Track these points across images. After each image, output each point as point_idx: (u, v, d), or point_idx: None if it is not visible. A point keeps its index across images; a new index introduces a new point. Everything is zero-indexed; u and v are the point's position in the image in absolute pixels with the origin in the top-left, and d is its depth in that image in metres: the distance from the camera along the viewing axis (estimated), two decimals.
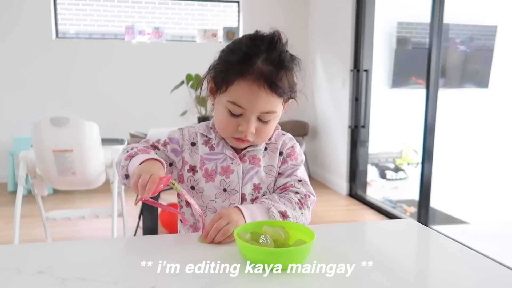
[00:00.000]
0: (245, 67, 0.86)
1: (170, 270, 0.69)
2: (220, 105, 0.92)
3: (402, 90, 4.97)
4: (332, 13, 4.25)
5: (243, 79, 0.86)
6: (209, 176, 0.97)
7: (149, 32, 4.53)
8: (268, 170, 0.98)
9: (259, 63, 0.86)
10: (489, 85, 4.88)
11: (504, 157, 4.40)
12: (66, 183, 2.37)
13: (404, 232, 0.95)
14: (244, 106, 0.88)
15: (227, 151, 0.97)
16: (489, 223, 3.52)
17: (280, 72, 0.87)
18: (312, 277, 0.68)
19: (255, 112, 0.88)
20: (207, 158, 0.98)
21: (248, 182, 0.96)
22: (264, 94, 0.86)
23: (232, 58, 0.89)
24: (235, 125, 0.90)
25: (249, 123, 0.89)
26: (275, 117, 0.93)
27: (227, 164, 0.97)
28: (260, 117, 0.90)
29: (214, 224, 0.83)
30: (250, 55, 0.87)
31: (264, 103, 0.87)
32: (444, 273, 0.71)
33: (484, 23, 4.92)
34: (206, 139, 1.00)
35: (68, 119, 2.19)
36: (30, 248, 0.82)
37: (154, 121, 4.08)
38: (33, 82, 4.33)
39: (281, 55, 0.88)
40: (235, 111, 0.89)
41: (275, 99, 0.88)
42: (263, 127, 0.92)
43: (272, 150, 0.99)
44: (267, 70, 0.86)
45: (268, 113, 0.89)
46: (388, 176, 4.81)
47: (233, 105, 0.88)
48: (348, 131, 3.97)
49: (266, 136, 0.95)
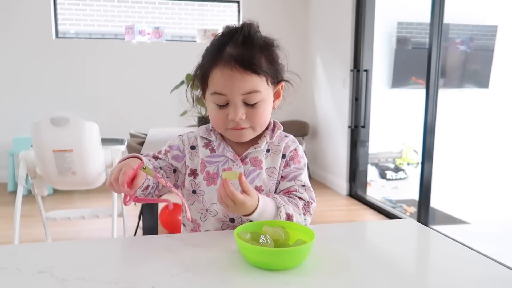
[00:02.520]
0: (216, 57, 0.88)
1: (170, 270, 0.69)
2: (208, 102, 0.94)
3: (402, 90, 4.97)
4: (332, 13, 4.25)
5: (216, 67, 0.88)
6: (211, 179, 0.96)
7: (149, 32, 4.53)
8: (270, 173, 0.97)
9: (228, 49, 0.88)
10: (489, 85, 4.88)
11: (504, 157, 4.40)
12: (66, 183, 2.37)
13: (404, 232, 0.95)
14: (223, 92, 0.88)
15: (228, 153, 0.96)
16: (489, 223, 3.52)
17: (251, 51, 0.88)
18: (312, 277, 0.68)
19: (236, 95, 0.88)
20: (208, 161, 0.97)
21: (249, 184, 0.95)
22: (238, 74, 0.86)
23: (206, 55, 0.93)
24: (224, 116, 0.90)
25: (236, 108, 0.88)
26: (263, 100, 0.90)
27: (228, 166, 0.96)
28: (245, 100, 0.89)
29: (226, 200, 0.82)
30: (220, 45, 0.89)
31: (241, 83, 0.87)
32: (444, 273, 0.71)
33: (484, 23, 4.92)
34: (207, 142, 0.99)
35: (68, 119, 2.19)
36: (30, 248, 0.82)
37: (154, 121, 4.08)
38: (33, 82, 4.33)
39: (250, 37, 0.89)
40: (219, 101, 0.89)
41: (252, 78, 0.87)
42: (253, 112, 0.90)
43: (275, 152, 0.98)
44: (236, 52, 0.87)
45: (250, 93, 0.88)
46: (388, 176, 4.81)
47: (215, 96, 0.89)
48: (348, 131, 3.97)
49: (259, 120, 0.92)
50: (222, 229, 0.95)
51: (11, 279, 0.67)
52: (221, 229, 0.95)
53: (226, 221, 0.95)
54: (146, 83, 4.50)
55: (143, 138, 2.91)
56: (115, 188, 0.82)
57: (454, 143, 4.51)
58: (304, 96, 4.82)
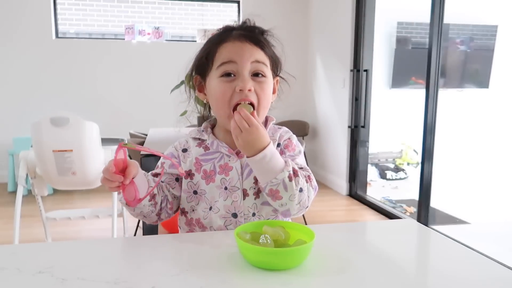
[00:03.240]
0: (223, 36, 0.94)
1: (170, 270, 0.69)
2: (212, 83, 0.94)
3: (402, 90, 4.97)
4: (332, 13, 4.25)
5: (224, 43, 0.93)
6: (209, 177, 0.96)
7: (149, 32, 4.53)
8: None
9: (234, 32, 0.94)
10: (489, 85, 4.88)
11: (504, 157, 4.40)
12: (66, 183, 2.37)
13: (404, 232, 0.95)
14: (233, 59, 0.91)
15: (222, 148, 0.96)
16: (489, 223, 3.52)
17: (258, 35, 0.95)
18: (312, 277, 0.68)
19: (245, 62, 0.91)
20: (203, 159, 0.97)
21: (247, 176, 0.95)
22: (249, 45, 0.92)
23: (207, 44, 0.96)
24: (231, 90, 0.91)
25: (244, 79, 0.90)
26: (267, 77, 0.93)
27: (224, 162, 0.96)
28: (253, 69, 0.92)
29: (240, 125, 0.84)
30: (226, 30, 0.95)
31: (251, 52, 0.92)
32: (444, 273, 0.71)
33: (484, 23, 4.92)
34: (199, 141, 1.00)
35: (68, 119, 2.19)
36: (30, 248, 0.82)
37: (154, 121, 4.07)
38: (33, 82, 4.33)
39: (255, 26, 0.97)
40: (227, 68, 0.91)
41: (260, 52, 0.93)
42: (259, 86, 0.92)
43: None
44: (245, 32, 0.94)
45: (258, 62, 0.92)
46: (388, 176, 4.81)
47: (223, 66, 0.91)
48: (348, 131, 3.97)
49: (264, 96, 0.93)
50: (225, 225, 0.94)
51: (11, 279, 0.67)
52: (224, 226, 0.95)
53: (229, 217, 0.94)
54: (146, 83, 4.50)
55: (143, 138, 2.91)
56: (108, 180, 0.80)
57: (454, 143, 4.51)
58: (304, 96, 4.82)
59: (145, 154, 2.00)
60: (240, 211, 0.94)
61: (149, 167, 1.93)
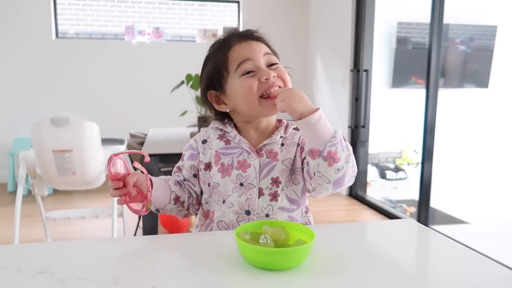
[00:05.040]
0: (226, 44, 0.98)
1: (170, 270, 0.69)
2: (235, 85, 0.96)
3: (402, 90, 4.97)
4: (332, 13, 4.25)
5: (231, 47, 0.96)
6: (225, 171, 0.96)
7: (149, 32, 4.53)
8: (287, 163, 0.97)
9: (233, 38, 0.98)
10: (489, 85, 4.88)
11: (504, 157, 4.40)
12: (66, 183, 2.37)
13: (404, 232, 0.95)
14: (248, 56, 0.94)
15: (244, 144, 0.97)
16: (489, 223, 3.52)
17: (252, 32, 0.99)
18: (312, 277, 0.68)
19: (259, 56, 0.95)
20: (223, 152, 0.97)
21: (265, 176, 0.95)
22: (253, 42, 0.97)
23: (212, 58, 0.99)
24: (256, 82, 0.93)
25: (265, 69, 0.94)
26: (279, 68, 0.97)
27: (243, 158, 0.96)
28: (267, 61, 0.96)
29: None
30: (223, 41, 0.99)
31: (259, 46, 0.97)
32: (444, 273, 0.71)
33: (484, 23, 4.92)
34: (221, 134, 1.01)
35: (68, 119, 2.19)
36: (30, 248, 0.82)
37: (154, 121, 4.08)
38: (33, 82, 4.33)
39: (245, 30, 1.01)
40: (246, 67, 0.94)
41: (265, 46, 0.98)
42: (278, 71, 0.96)
43: (289, 145, 0.99)
44: (245, 33, 0.99)
45: (269, 54, 0.97)
46: (388, 176, 4.81)
47: (242, 65, 0.94)
48: (348, 131, 3.97)
49: (286, 77, 0.97)
50: (237, 221, 0.94)
51: (11, 279, 0.67)
52: (236, 222, 0.94)
53: (242, 213, 0.94)
54: (146, 83, 4.50)
55: (143, 138, 2.91)
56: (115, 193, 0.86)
57: (454, 143, 4.51)
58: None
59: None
60: (254, 209, 0.94)
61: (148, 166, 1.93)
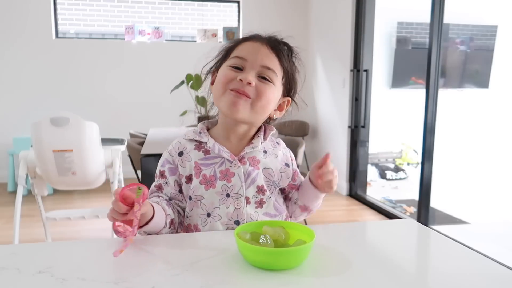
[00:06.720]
0: (247, 37, 0.97)
1: (170, 270, 0.69)
2: (220, 71, 0.95)
3: (402, 90, 4.97)
4: (332, 13, 4.25)
5: (245, 41, 0.95)
6: (209, 183, 0.92)
7: (149, 32, 4.53)
8: (268, 174, 0.96)
9: (259, 36, 0.96)
10: (489, 85, 4.88)
11: (504, 157, 4.40)
12: (66, 183, 2.37)
13: (404, 232, 0.95)
14: (245, 57, 0.92)
15: (224, 153, 0.93)
16: (489, 223, 3.52)
17: (279, 44, 0.96)
18: (312, 277, 0.68)
19: (255, 64, 0.91)
20: (203, 163, 0.93)
21: (251, 185, 0.93)
22: (266, 49, 0.93)
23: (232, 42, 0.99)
24: (233, 76, 0.91)
25: (249, 73, 0.91)
26: (272, 88, 0.93)
27: (225, 167, 0.93)
28: (260, 72, 0.92)
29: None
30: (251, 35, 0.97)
31: (265, 57, 0.92)
32: (444, 273, 0.71)
33: (484, 23, 4.92)
34: (198, 144, 0.96)
35: (68, 119, 2.19)
36: (30, 248, 0.82)
37: (154, 121, 4.08)
38: (33, 82, 4.33)
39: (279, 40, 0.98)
40: (237, 63, 0.92)
41: (275, 60, 0.94)
42: (261, 86, 0.91)
43: (271, 155, 0.99)
44: (268, 38, 0.96)
45: (268, 68, 0.92)
46: (388, 176, 4.81)
47: (234, 59, 0.93)
48: (348, 131, 3.97)
49: (262, 97, 0.91)
50: None
51: (11, 279, 0.67)
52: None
53: (231, 224, 0.92)
54: (146, 83, 4.50)
55: (143, 138, 2.91)
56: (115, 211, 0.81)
57: (454, 143, 4.52)
58: (304, 96, 4.81)
59: (145, 154, 2.00)
60: (243, 218, 0.93)
61: (148, 167, 1.93)
